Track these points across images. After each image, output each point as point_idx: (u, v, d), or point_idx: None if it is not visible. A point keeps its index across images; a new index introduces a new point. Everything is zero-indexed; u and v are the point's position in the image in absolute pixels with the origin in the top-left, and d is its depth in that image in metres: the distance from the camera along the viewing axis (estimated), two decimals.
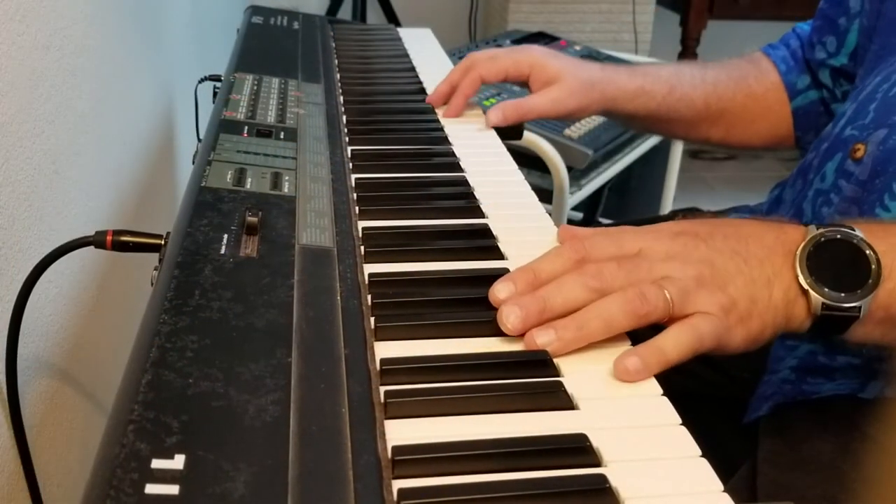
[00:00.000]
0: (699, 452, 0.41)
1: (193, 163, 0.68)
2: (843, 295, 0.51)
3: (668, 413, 0.44)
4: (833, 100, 0.89)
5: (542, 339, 0.48)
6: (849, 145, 0.68)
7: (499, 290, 0.51)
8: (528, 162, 1.40)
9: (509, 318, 0.49)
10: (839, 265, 0.51)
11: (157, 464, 0.34)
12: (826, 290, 0.51)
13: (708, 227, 0.54)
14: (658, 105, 0.90)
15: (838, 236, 0.52)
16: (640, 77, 0.89)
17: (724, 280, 0.51)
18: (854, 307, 0.51)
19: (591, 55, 1.79)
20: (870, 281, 0.51)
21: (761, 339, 0.52)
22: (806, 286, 0.51)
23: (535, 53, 0.88)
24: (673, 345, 0.48)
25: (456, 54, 1.68)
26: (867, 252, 0.51)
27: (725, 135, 0.95)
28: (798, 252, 0.52)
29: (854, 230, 0.52)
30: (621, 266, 0.50)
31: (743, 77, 0.93)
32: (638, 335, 0.50)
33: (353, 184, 0.68)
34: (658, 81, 0.89)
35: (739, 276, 0.51)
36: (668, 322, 0.50)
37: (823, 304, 0.51)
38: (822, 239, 0.52)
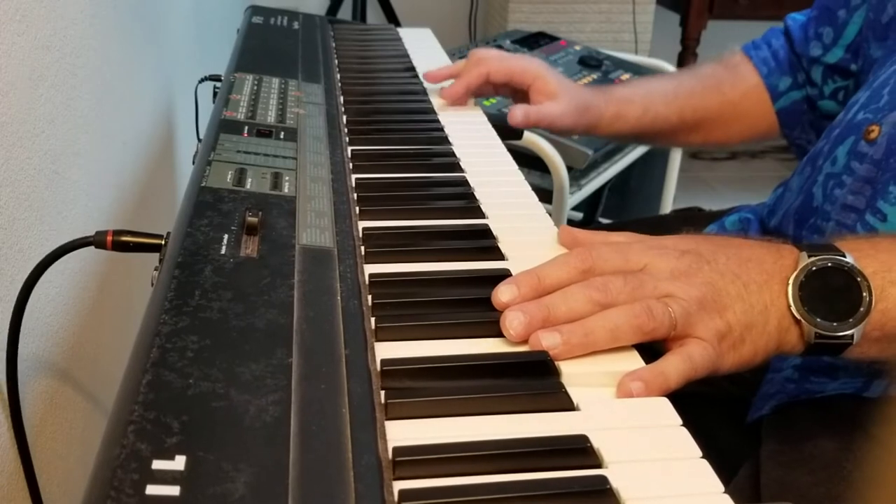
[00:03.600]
0: (700, 453, 0.41)
1: (193, 163, 0.68)
2: (835, 324, 0.51)
3: (668, 414, 0.45)
4: (819, 97, 0.90)
5: (548, 341, 0.48)
6: (862, 128, 0.69)
7: (502, 293, 0.51)
8: (528, 162, 1.40)
9: (513, 323, 0.49)
10: (832, 292, 0.52)
11: (157, 465, 0.34)
12: (818, 319, 0.51)
13: (711, 246, 0.54)
14: (632, 127, 0.95)
15: (829, 264, 0.52)
16: (615, 104, 0.94)
17: (724, 304, 0.51)
18: (847, 335, 0.51)
19: (591, 55, 1.79)
20: (861, 309, 0.51)
21: (752, 363, 0.52)
22: (798, 316, 0.52)
23: (541, 65, 0.93)
24: (673, 371, 0.48)
25: (456, 54, 1.68)
26: (858, 279, 0.52)
27: (705, 139, 1.00)
28: (791, 281, 0.52)
29: (845, 256, 0.52)
30: (627, 281, 0.51)
31: (717, 85, 0.96)
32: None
33: (354, 184, 0.68)
34: (631, 105, 0.94)
35: (739, 301, 0.51)
36: (667, 341, 0.50)
37: (816, 333, 0.52)
38: (814, 268, 0.52)
